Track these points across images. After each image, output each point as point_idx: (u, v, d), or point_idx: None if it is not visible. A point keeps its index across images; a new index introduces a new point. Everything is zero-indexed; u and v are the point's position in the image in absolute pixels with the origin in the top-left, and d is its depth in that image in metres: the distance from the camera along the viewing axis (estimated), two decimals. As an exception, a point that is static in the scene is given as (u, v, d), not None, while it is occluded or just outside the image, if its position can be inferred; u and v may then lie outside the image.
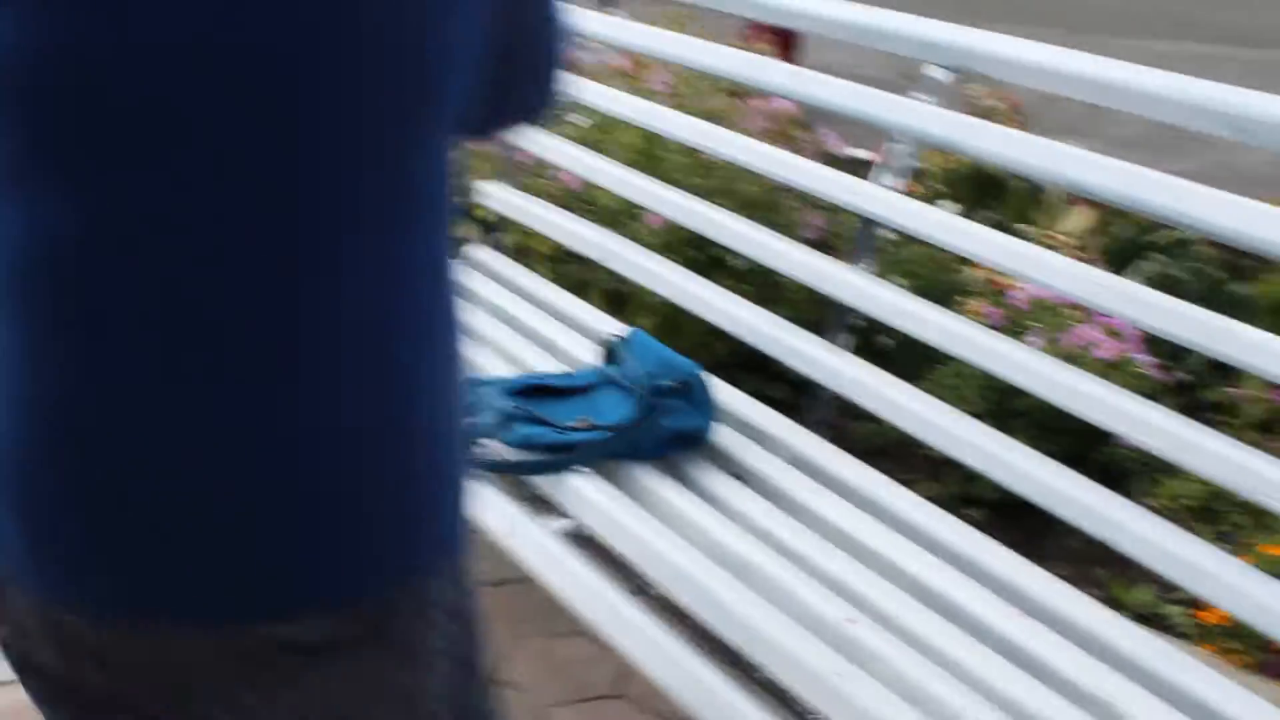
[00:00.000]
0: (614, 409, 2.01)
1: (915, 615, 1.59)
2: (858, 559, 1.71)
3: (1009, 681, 1.48)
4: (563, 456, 1.89)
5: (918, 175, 4.40)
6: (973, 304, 3.22)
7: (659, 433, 1.94)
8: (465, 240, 2.89)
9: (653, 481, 1.87)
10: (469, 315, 0.94)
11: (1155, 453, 1.75)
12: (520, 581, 2.47)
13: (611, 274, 2.87)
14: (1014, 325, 2.95)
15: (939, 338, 1.99)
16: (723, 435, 1.98)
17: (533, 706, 2.12)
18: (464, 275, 0.94)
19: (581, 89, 2.71)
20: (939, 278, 3.43)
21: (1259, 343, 1.61)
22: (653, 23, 3.16)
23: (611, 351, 2.15)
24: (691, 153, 3.01)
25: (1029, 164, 1.86)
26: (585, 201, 3.05)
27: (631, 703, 2.14)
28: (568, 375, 2.14)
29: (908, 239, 3.58)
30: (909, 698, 1.45)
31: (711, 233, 2.39)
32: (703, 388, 1.98)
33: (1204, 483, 2.70)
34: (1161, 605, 2.45)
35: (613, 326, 2.45)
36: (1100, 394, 1.79)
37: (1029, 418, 2.80)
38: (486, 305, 2.56)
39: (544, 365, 2.26)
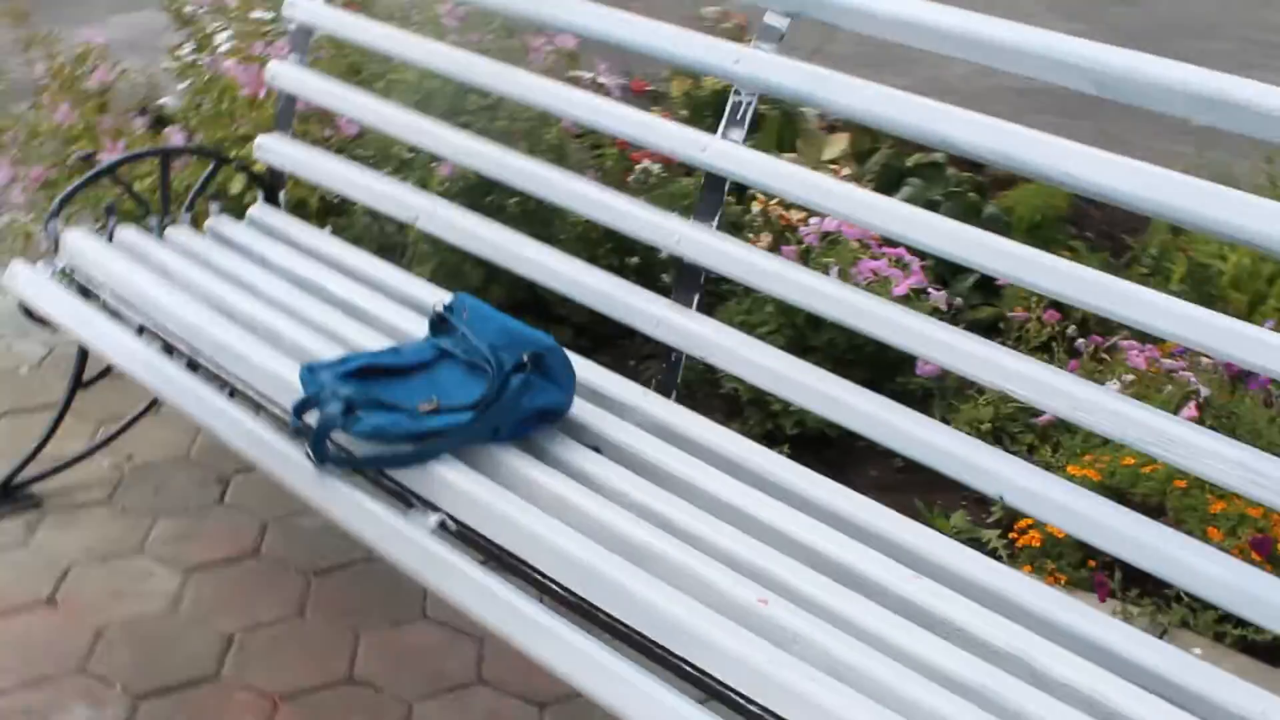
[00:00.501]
0: (459, 387, 1.89)
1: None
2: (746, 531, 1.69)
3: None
4: (422, 446, 1.77)
5: (657, 98, 4.38)
6: (763, 239, 3.25)
7: (520, 412, 1.84)
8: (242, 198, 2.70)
9: (519, 463, 1.79)
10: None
11: (960, 373, 1.82)
12: (354, 565, 2.37)
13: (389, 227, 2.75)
14: (809, 261, 2.99)
15: (743, 272, 1.98)
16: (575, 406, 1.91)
17: (394, 703, 2.02)
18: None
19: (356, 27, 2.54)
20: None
21: (1029, 258, 1.71)
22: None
23: (440, 321, 2.03)
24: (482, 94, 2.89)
25: (878, 114, 1.84)
26: (365, 149, 2.89)
27: (494, 688, 2.06)
28: (396, 351, 1.99)
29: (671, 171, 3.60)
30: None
31: (504, 177, 2.28)
32: (561, 360, 1.89)
33: (995, 405, 2.83)
34: (977, 530, 2.54)
35: (418, 288, 2.33)
36: (902, 319, 1.85)
37: (823, 353, 2.86)
38: (283, 272, 2.38)
39: (364, 339, 2.12)
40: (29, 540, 2.40)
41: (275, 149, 2.59)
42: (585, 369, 2.02)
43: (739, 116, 1.98)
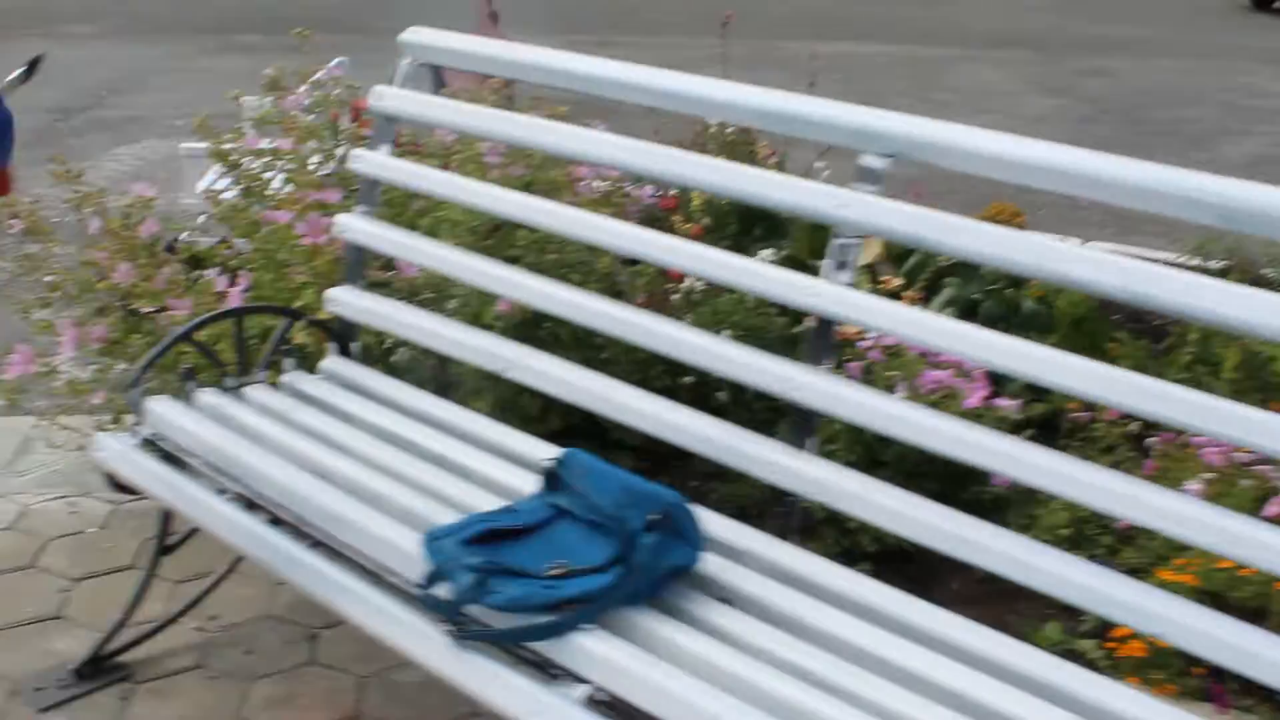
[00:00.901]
0: (584, 547, 1.88)
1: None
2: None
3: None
4: (562, 616, 1.75)
5: (680, 207, 4.40)
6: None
7: (656, 573, 1.83)
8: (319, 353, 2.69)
9: (657, 625, 1.78)
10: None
11: (1031, 485, 1.85)
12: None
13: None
14: (874, 376, 2.99)
15: (866, 417, 2.00)
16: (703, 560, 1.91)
17: None
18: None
19: (425, 178, 2.56)
20: (761, 326, 3.46)
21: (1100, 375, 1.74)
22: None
23: (553, 478, 2.02)
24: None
25: (990, 255, 1.86)
26: (430, 290, 2.90)
27: None
28: (512, 512, 1.99)
29: (715, 287, 3.61)
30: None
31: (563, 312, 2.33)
32: (687, 514, 1.89)
33: (1070, 508, 2.83)
34: (1073, 640, 2.53)
35: (511, 439, 2.32)
36: (969, 435, 1.88)
37: (894, 467, 2.86)
38: (369, 427, 2.37)
39: (469, 498, 2.11)
40: (124, 714, 2.36)
41: (347, 302, 2.59)
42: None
43: (844, 259, 2.00)
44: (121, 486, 2.35)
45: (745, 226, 4.44)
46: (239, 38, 11.47)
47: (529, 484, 2.12)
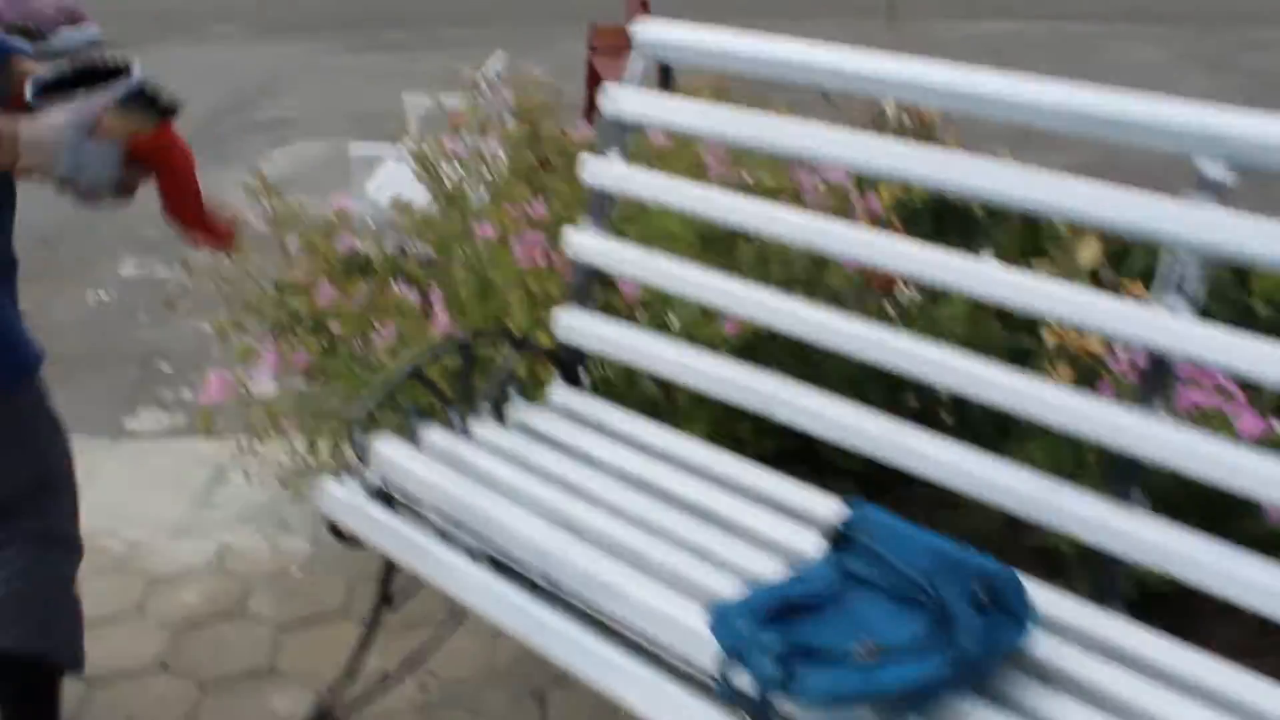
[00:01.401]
0: (891, 622, 1.62)
1: None
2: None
3: None
4: (887, 709, 1.50)
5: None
6: (1062, 372, 2.94)
7: (986, 657, 1.56)
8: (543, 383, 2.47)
9: (992, 718, 1.51)
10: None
11: None
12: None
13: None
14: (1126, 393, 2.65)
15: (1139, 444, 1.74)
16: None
17: None
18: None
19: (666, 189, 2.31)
20: (991, 338, 3.16)
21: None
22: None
23: (841, 538, 1.76)
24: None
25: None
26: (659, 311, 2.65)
27: None
28: (800, 580, 1.73)
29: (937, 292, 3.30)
30: None
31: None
32: (1014, 585, 1.62)
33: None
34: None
35: (771, 484, 2.07)
36: (1245, 462, 1.65)
37: (1149, 491, 2.55)
38: (610, 469, 2.14)
39: (739, 556, 1.86)
40: (351, 784, 2.17)
41: (577, 327, 2.36)
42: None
43: (1180, 284, 1.70)
44: (344, 534, 2.15)
45: (938, 225, 4.14)
46: (380, 34, 11.40)
47: (807, 541, 1.88)
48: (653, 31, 2.34)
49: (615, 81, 5.80)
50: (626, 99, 2.31)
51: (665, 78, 4.10)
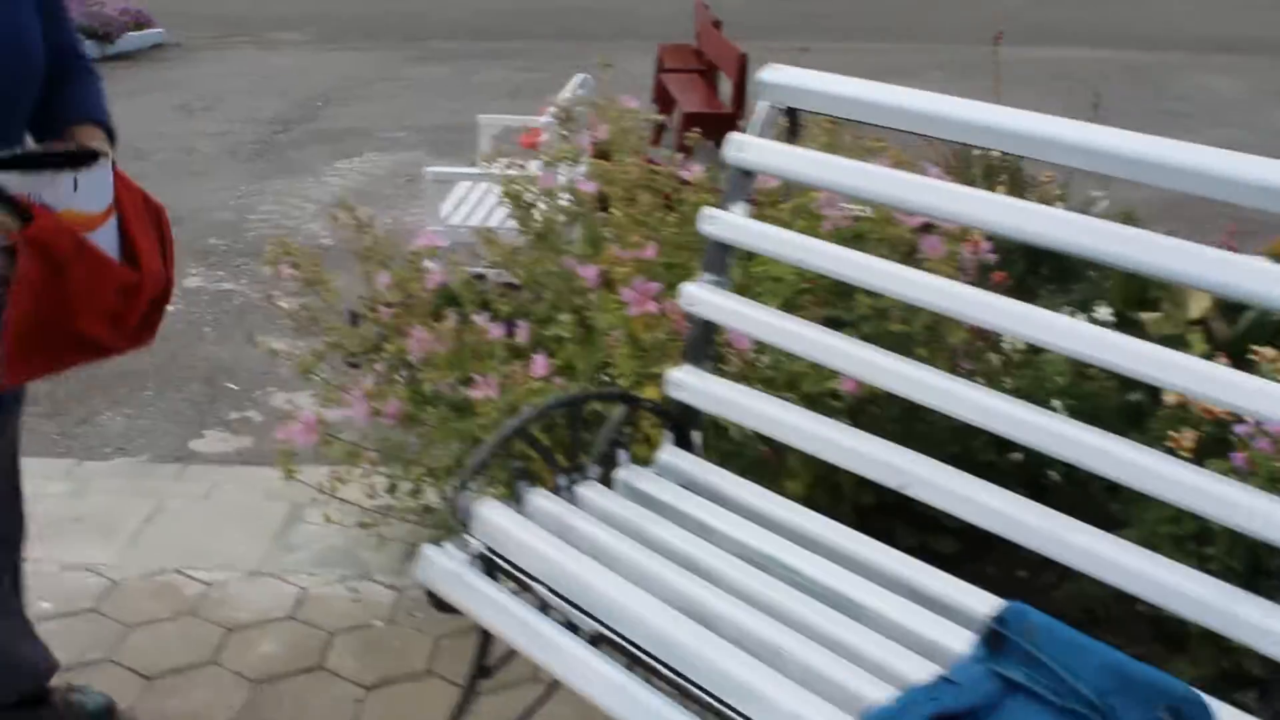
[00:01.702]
0: (1060, 742, 1.48)
1: None
2: None
3: None
4: None
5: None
6: (1186, 437, 2.79)
7: (1179, 795, 1.42)
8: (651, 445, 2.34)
9: None
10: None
11: None
12: None
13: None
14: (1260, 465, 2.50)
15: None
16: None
17: None
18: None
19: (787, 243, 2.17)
20: (1102, 394, 3.01)
21: None
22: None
23: (995, 638, 1.62)
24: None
25: None
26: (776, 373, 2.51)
27: None
28: (952, 686, 1.59)
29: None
30: None
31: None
32: (1203, 712, 1.47)
33: None
34: None
35: (925, 576, 1.92)
36: None
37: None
38: (730, 543, 2.00)
39: (879, 651, 1.72)
40: None
41: (691, 385, 2.23)
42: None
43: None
44: (442, 605, 2.02)
45: (1032, 265, 3.99)
46: (439, 44, 11.35)
47: (953, 636, 1.74)
48: (780, 77, 2.21)
49: (688, 102, 5.62)
50: (753, 148, 2.18)
51: (793, 124, 3.95)
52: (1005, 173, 4.47)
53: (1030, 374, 3.03)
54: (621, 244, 2.67)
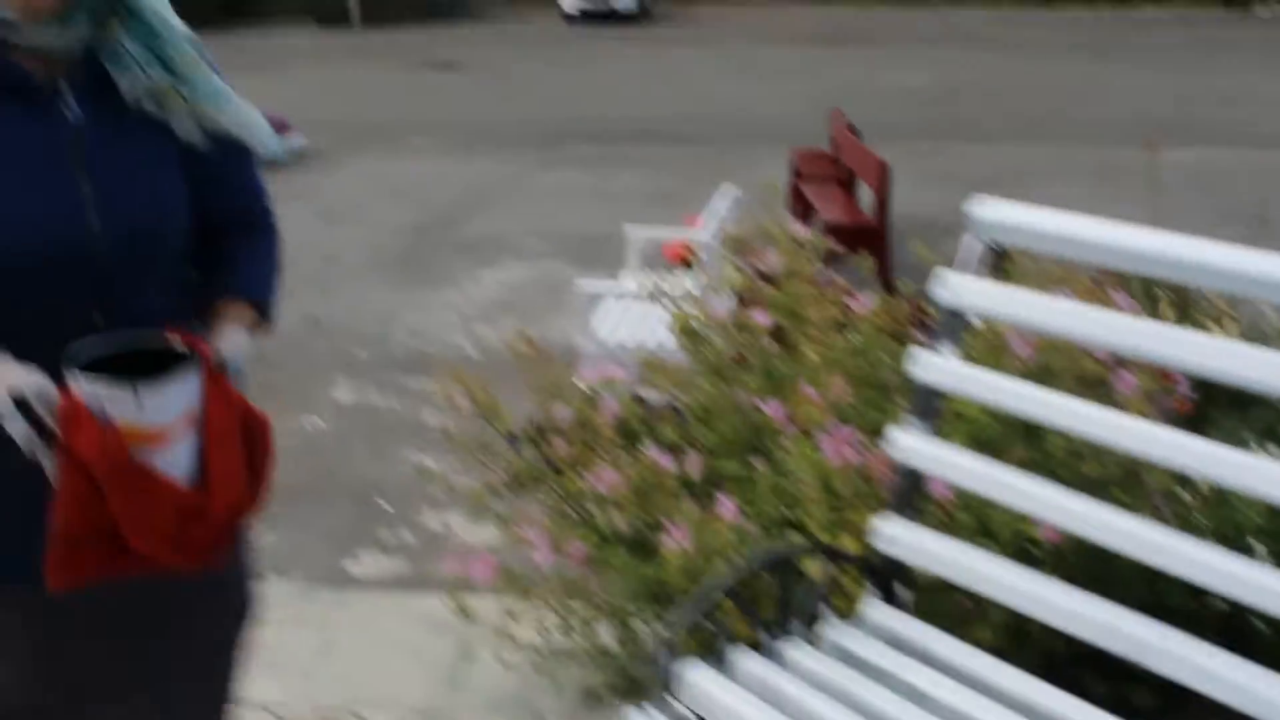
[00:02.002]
0: None
1: None
2: None
3: None
4: None
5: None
6: None
7: None
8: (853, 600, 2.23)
9: None
10: None
11: None
12: None
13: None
14: None
15: None
16: None
17: None
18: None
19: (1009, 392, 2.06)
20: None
21: None
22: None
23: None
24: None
25: None
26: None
27: None
28: None
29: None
30: None
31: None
32: None
33: None
34: None
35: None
36: None
37: None
38: (949, 714, 1.87)
39: None
40: None
41: (899, 539, 2.11)
42: None
43: None
44: (644, 770, 1.92)
45: (1207, 393, 3.82)
46: (570, 150, 11.47)
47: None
48: (991, 212, 2.11)
49: (830, 213, 5.49)
50: (965, 288, 2.08)
51: (998, 261, 3.85)
52: (1170, 289, 4.31)
53: (1225, 512, 2.86)
54: (811, 382, 2.57)
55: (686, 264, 5.93)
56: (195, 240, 1.75)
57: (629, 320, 4.82)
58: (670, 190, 9.45)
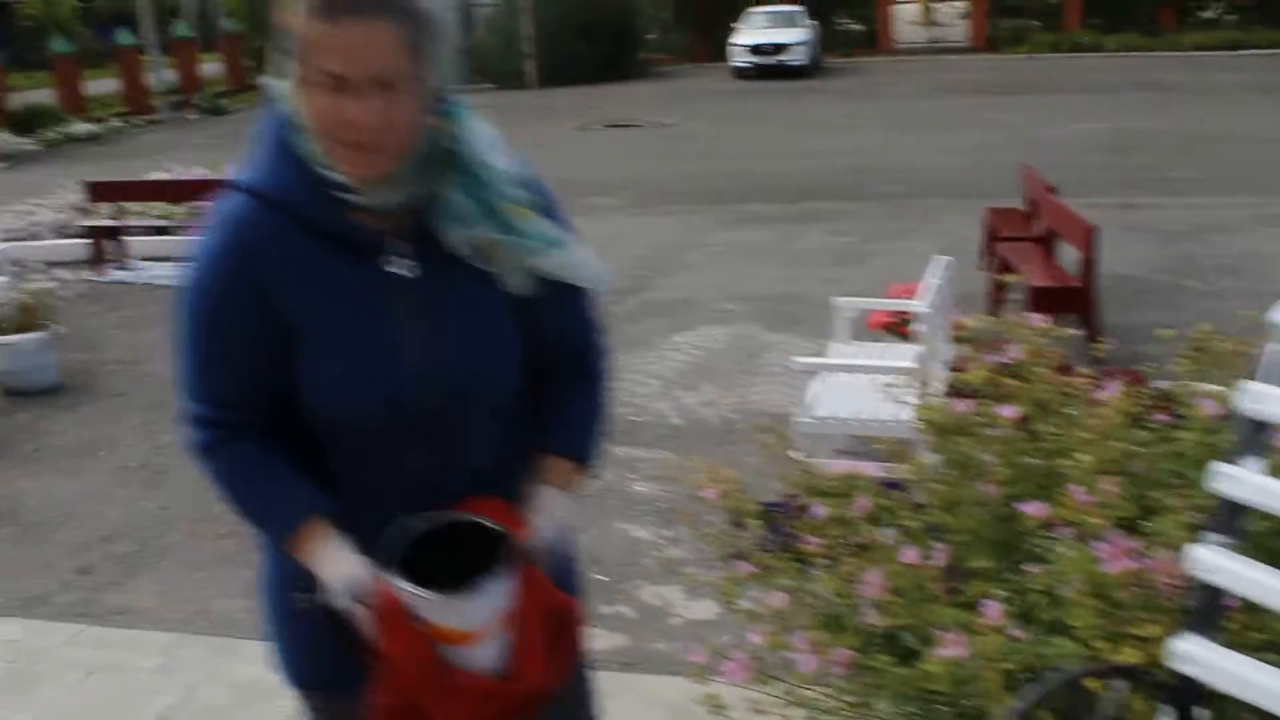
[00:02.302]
0: None
1: None
2: None
3: None
4: None
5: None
6: None
7: None
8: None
9: None
10: None
11: None
12: None
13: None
14: None
15: None
16: None
17: None
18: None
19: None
20: None
21: None
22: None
23: None
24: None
25: None
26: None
27: None
28: None
29: None
30: None
31: None
32: None
33: None
34: None
35: None
36: None
37: None
38: None
39: None
40: None
41: (1201, 659, 2.02)
42: None
43: None
44: None
45: None
46: (752, 208, 11.48)
47: None
48: (1297, 318, 2.02)
49: (1034, 275, 5.29)
50: (1272, 399, 1.99)
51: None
52: None
53: None
54: (1082, 483, 2.49)
55: (891, 331, 5.86)
56: (526, 384, 1.77)
57: (842, 393, 4.77)
58: (853, 248, 9.39)
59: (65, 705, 3.42)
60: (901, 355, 5.18)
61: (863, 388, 4.71)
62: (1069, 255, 7.54)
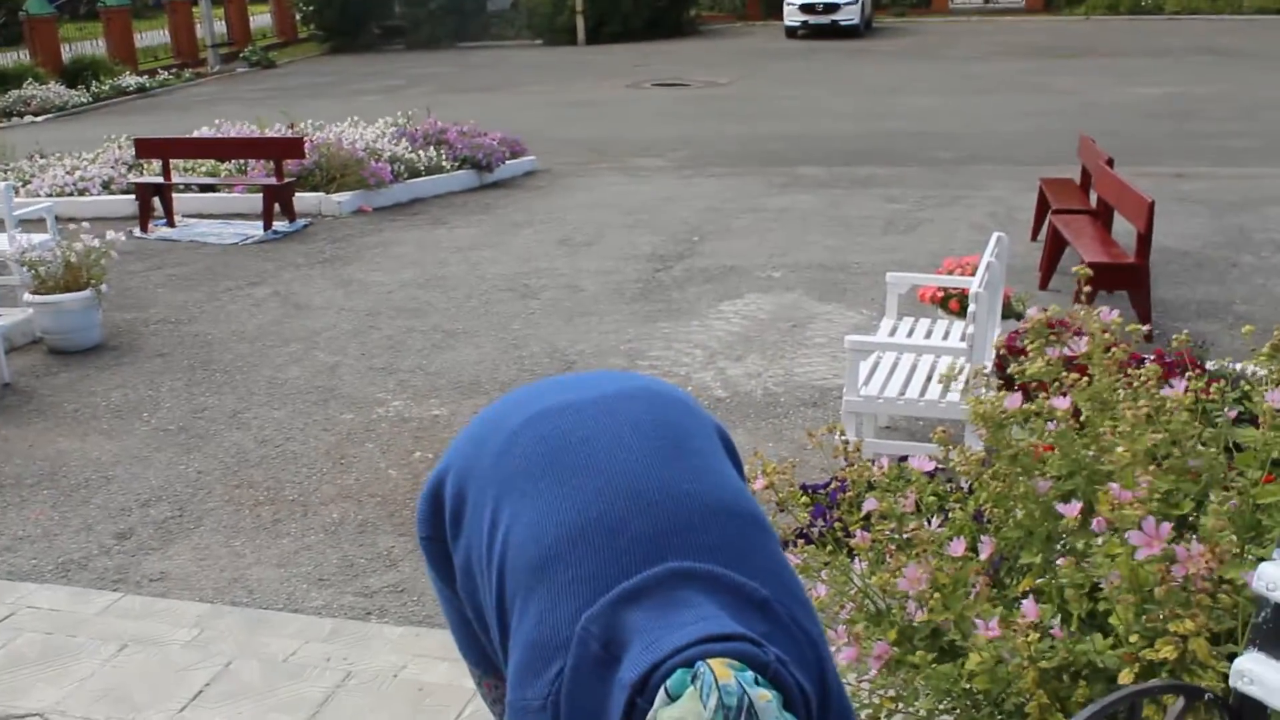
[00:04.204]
0: None
1: None
2: None
3: None
4: None
5: None
6: None
7: None
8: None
9: None
10: None
11: None
12: None
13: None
14: None
15: None
16: None
17: None
18: None
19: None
20: None
21: None
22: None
23: None
24: None
25: None
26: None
27: None
28: None
29: None
30: None
31: None
32: None
33: None
34: None
35: None
36: None
37: None
38: None
39: None
40: None
41: (1265, 680, 1.92)
42: None
43: None
44: None
45: None
46: (801, 171, 11.32)
47: None
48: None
49: (1088, 250, 5.12)
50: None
51: None
52: None
53: None
54: (1121, 480, 2.39)
55: (943, 306, 5.74)
56: None
57: (892, 371, 4.66)
58: (904, 215, 9.22)
59: (99, 682, 3.39)
60: (953, 334, 5.07)
61: (912, 366, 4.61)
62: (1120, 226, 7.36)
